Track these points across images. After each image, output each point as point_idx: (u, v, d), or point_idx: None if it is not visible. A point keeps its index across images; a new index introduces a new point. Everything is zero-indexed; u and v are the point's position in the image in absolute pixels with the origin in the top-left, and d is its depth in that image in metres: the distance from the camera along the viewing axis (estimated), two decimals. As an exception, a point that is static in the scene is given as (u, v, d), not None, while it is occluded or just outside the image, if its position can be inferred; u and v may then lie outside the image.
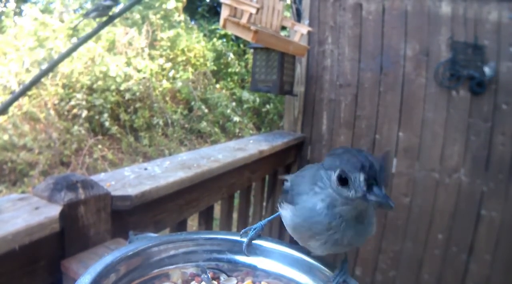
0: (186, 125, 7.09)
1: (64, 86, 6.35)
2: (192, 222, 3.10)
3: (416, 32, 2.76)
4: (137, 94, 6.67)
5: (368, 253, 2.97)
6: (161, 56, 7.29)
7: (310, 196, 0.62)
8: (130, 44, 6.99)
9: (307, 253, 0.73)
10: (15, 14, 7.47)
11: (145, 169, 1.51)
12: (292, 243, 0.76)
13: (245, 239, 0.75)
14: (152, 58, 7.21)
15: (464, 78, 2.61)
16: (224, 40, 8.45)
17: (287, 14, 3.54)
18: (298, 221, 0.63)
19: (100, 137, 6.38)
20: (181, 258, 0.73)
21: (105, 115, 6.33)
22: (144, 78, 6.81)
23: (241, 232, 0.77)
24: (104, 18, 2.28)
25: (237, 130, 7.09)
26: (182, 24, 7.80)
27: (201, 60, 7.65)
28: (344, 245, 0.63)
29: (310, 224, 0.62)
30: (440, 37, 2.69)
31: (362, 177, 0.55)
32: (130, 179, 1.35)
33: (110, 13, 2.27)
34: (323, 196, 0.60)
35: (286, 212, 0.66)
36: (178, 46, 7.39)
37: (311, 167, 0.68)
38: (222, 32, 8.22)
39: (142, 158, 6.45)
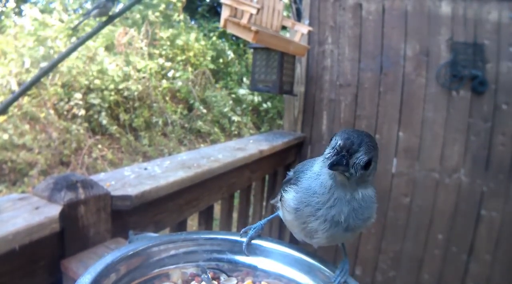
0: (186, 125, 7.09)
1: (63, 86, 6.35)
2: (192, 222, 3.10)
3: (416, 32, 2.76)
4: (137, 93, 6.67)
5: (368, 253, 2.97)
6: (160, 55, 7.29)
7: (313, 165, 0.66)
8: (129, 43, 6.99)
9: (307, 253, 0.73)
10: (15, 14, 7.46)
11: (145, 169, 1.51)
12: (292, 243, 0.76)
13: (245, 239, 0.75)
14: (151, 57, 7.21)
15: (466, 78, 2.61)
16: (224, 39, 8.45)
17: (287, 14, 3.54)
18: (299, 196, 0.65)
19: (99, 136, 6.38)
20: (181, 258, 0.73)
21: (103, 114, 6.33)
22: (143, 77, 6.81)
23: (241, 232, 0.77)
24: (104, 18, 2.28)
25: (236, 130, 7.10)
26: (182, 23, 7.80)
27: (201, 59, 7.65)
28: (342, 226, 0.63)
29: (308, 197, 0.64)
30: (440, 37, 2.69)
31: (340, 143, 0.59)
32: (130, 179, 1.35)
33: (110, 13, 2.27)
34: (319, 160, 0.64)
35: (289, 195, 0.68)
36: (177, 45, 7.39)
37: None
38: (222, 31, 8.21)
39: (141, 157, 6.45)
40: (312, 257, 0.72)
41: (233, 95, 7.63)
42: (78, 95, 6.23)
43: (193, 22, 8.83)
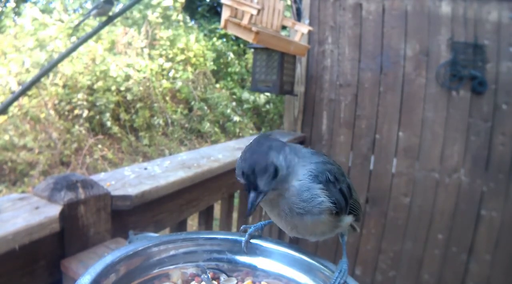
0: (186, 125, 7.09)
1: (64, 86, 6.35)
2: (192, 222, 3.10)
3: (416, 32, 2.76)
4: (138, 94, 6.67)
5: (368, 253, 2.97)
6: (160, 55, 7.29)
7: None
8: (130, 44, 6.99)
9: (307, 253, 0.73)
10: (15, 14, 7.46)
11: (145, 168, 1.51)
12: (292, 243, 0.76)
13: (244, 238, 0.75)
14: (151, 58, 7.21)
15: (466, 78, 2.61)
16: (224, 39, 8.45)
17: (287, 14, 3.54)
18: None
19: (100, 136, 6.38)
20: (181, 258, 0.73)
21: (107, 115, 6.33)
22: (144, 78, 6.81)
23: (240, 229, 0.77)
24: (104, 18, 2.28)
25: (237, 130, 7.09)
26: (181, 23, 7.80)
27: (201, 59, 7.65)
28: (291, 216, 0.66)
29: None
30: (440, 37, 2.69)
31: (243, 181, 0.63)
32: (130, 179, 1.35)
33: (110, 13, 2.27)
34: None
35: None
36: (177, 45, 7.39)
37: None
38: (222, 31, 8.22)
39: (142, 157, 6.45)
40: (312, 257, 0.72)
41: (234, 96, 7.63)
42: (80, 96, 6.23)
43: (193, 22, 8.83)
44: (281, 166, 0.62)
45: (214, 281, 0.71)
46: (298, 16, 3.05)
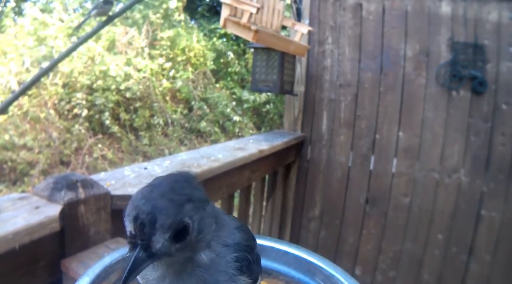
0: (186, 125, 7.09)
1: (64, 86, 6.35)
2: (192, 221, 3.08)
3: (416, 32, 2.76)
4: (137, 93, 6.67)
5: (368, 253, 2.97)
6: (161, 55, 7.29)
7: None
8: (130, 43, 6.99)
9: (307, 252, 0.73)
10: (15, 13, 7.46)
11: (145, 168, 1.51)
12: (292, 242, 0.76)
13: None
14: (152, 57, 7.21)
15: (466, 78, 2.61)
16: (224, 39, 8.44)
17: (287, 13, 3.54)
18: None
19: (100, 136, 6.38)
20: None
21: (106, 114, 6.33)
22: (144, 77, 6.81)
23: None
24: (104, 18, 2.28)
25: (237, 130, 7.09)
26: (182, 23, 7.80)
27: (201, 59, 7.64)
28: None
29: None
30: (440, 37, 2.69)
31: (131, 228, 0.43)
32: (130, 179, 1.35)
33: (110, 13, 2.27)
34: None
35: None
36: (178, 45, 7.39)
37: None
38: (222, 31, 8.21)
39: (142, 157, 6.45)
40: (312, 256, 0.72)
41: (234, 96, 7.63)
42: (80, 95, 6.23)
43: (193, 22, 8.83)
44: (193, 229, 0.44)
45: (214, 281, 0.71)
46: (298, 16, 3.05)
